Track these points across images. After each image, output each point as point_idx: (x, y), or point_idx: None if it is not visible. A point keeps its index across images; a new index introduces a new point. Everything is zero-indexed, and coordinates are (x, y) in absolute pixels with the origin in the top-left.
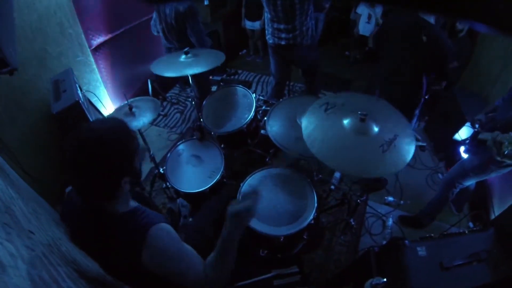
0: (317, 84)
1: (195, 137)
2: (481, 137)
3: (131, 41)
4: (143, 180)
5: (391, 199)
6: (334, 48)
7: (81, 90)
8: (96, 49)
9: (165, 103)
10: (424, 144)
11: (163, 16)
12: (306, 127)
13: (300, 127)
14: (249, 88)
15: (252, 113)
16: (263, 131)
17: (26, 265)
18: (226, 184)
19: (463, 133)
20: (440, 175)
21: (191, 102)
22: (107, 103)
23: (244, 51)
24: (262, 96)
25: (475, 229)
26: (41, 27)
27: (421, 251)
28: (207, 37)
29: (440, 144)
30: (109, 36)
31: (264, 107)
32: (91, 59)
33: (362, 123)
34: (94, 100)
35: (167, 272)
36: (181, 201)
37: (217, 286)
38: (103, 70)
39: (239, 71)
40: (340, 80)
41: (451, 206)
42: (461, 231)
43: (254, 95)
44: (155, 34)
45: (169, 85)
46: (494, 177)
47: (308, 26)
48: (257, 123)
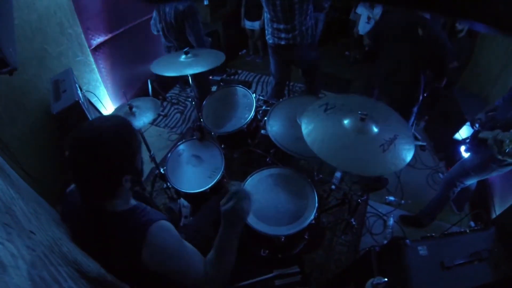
0: (317, 84)
1: (195, 137)
2: (481, 136)
3: (131, 41)
4: (143, 180)
5: (392, 198)
6: (334, 48)
7: (81, 90)
8: (96, 49)
9: (165, 103)
10: (424, 143)
11: (162, 15)
12: (305, 126)
13: (300, 127)
14: (249, 88)
15: (252, 113)
16: (263, 131)
17: (27, 265)
18: (226, 184)
19: (463, 132)
20: (440, 175)
21: (191, 102)
22: (107, 103)
23: (244, 51)
24: (262, 96)
25: (476, 228)
26: (41, 27)
27: (422, 251)
28: (206, 36)
29: (440, 143)
30: (109, 36)
31: (264, 107)
32: (91, 59)
33: (362, 122)
34: (94, 100)
35: (167, 270)
36: (182, 201)
37: (217, 285)
38: (103, 70)
39: (239, 71)
40: (340, 80)
41: (452, 205)
42: (462, 230)
43: (254, 95)
44: (155, 33)
45: (169, 85)
46: (495, 176)
47: (307, 25)
48: (257, 123)
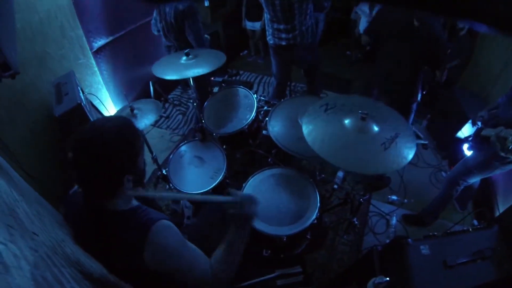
0: (317, 84)
1: (197, 138)
2: (484, 133)
3: (132, 43)
4: (146, 181)
5: (394, 197)
6: (334, 48)
7: (83, 92)
8: (97, 52)
9: (167, 105)
10: (426, 142)
11: (163, 14)
12: (306, 126)
13: (301, 127)
14: (251, 89)
15: (253, 113)
16: (264, 132)
17: (29, 266)
18: (228, 184)
19: (466, 130)
20: (443, 173)
21: (193, 103)
22: (109, 105)
23: (245, 52)
24: (263, 96)
25: (479, 226)
26: (42, 29)
27: (425, 250)
28: (206, 36)
29: (443, 142)
30: (110, 38)
31: (265, 108)
32: (93, 61)
33: (362, 121)
34: (96, 102)
35: (169, 269)
36: (184, 202)
37: (221, 285)
38: (105, 72)
39: (241, 72)
40: (340, 80)
41: (455, 204)
42: (465, 229)
43: (255, 96)
44: (155, 33)
45: (171, 87)
46: (498, 174)
47: (307, 25)
48: (258, 124)
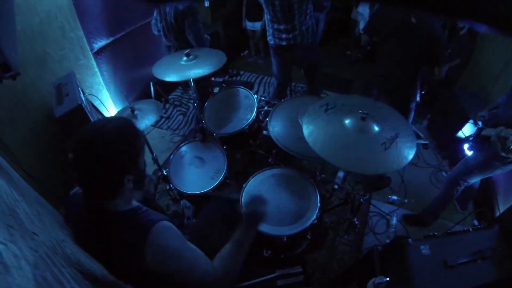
0: (317, 84)
1: (197, 139)
2: (485, 133)
3: (132, 44)
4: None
5: (394, 197)
6: (334, 48)
7: (83, 93)
8: (98, 52)
9: (167, 105)
10: (427, 142)
11: (163, 14)
12: (306, 127)
13: (302, 128)
14: (251, 89)
15: (254, 114)
16: (265, 132)
17: (29, 266)
18: (228, 184)
19: (466, 130)
20: (444, 173)
21: (193, 104)
22: (110, 106)
23: (245, 52)
24: (264, 97)
25: (479, 226)
26: (42, 30)
27: (425, 250)
28: (206, 36)
29: (443, 142)
30: (111, 39)
31: (266, 108)
32: (93, 62)
33: (363, 121)
34: (96, 103)
35: (169, 270)
36: (185, 202)
37: (224, 285)
38: (105, 73)
39: (241, 72)
40: (340, 80)
41: (455, 204)
42: (466, 229)
43: (255, 96)
44: (155, 33)
45: (172, 87)
46: (498, 174)
47: (308, 25)
48: (259, 124)
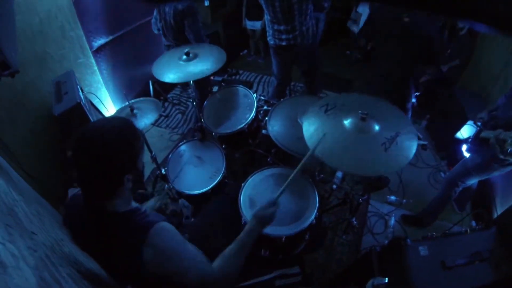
0: (317, 84)
1: (196, 138)
2: (483, 135)
3: (132, 43)
4: (145, 181)
5: (393, 198)
6: (334, 48)
7: (82, 91)
8: (97, 51)
9: (166, 104)
10: (425, 143)
11: (162, 14)
12: (307, 129)
13: (301, 127)
14: (250, 88)
15: (253, 113)
16: (264, 131)
17: (28, 266)
18: (227, 184)
19: (465, 131)
20: (442, 174)
21: (192, 102)
22: (109, 104)
23: (245, 51)
24: (263, 96)
25: (477, 228)
26: (42, 29)
27: (423, 251)
28: (205, 36)
29: (442, 142)
30: (110, 37)
31: (265, 107)
32: (93, 61)
33: (363, 122)
34: (95, 101)
35: (168, 272)
36: (183, 201)
37: (226, 284)
38: (105, 71)
39: (240, 72)
40: (340, 80)
41: (453, 204)
42: (464, 230)
43: (255, 95)
44: (155, 32)
45: (171, 86)
46: (496, 176)
47: (308, 26)
48: (258, 123)
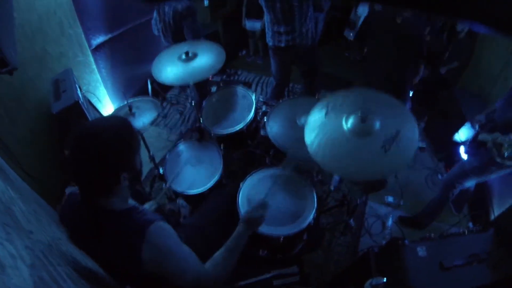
0: (316, 84)
1: (194, 138)
2: (481, 138)
3: (131, 42)
4: (142, 180)
5: (391, 199)
6: (333, 48)
7: (81, 90)
8: (96, 49)
9: (165, 104)
10: (423, 146)
11: (162, 15)
12: (309, 135)
13: (300, 128)
14: (249, 89)
15: (252, 114)
16: (263, 132)
17: (26, 265)
18: (225, 184)
19: (463, 133)
20: (439, 176)
21: (191, 102)
22: (107, 103)
23: (244, 52)
24: (262, 97)
25: (475, 229)
26: (41, 27)
27: (421, 251)
28: (204, 37)
29: (439, 144)
30: (109, 36)
31: (264, 108)
32: (91, 59)
33: (363, 123)
34: (94, 100)
35: (164, 271)
36: (181, 201)
37: (218, 284)
38: (103, 70)
39: (239, 72)
40: (340, 80)
41: (450, 206)
42: (461, 231)
43: (254, 96)
44: (155, 33)
45: (169, 86)
46: (493, 178)
47: (307, 27)
48: (257, 124)
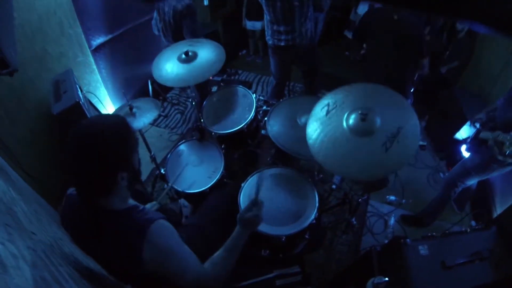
0: (316, 84)
1: (195, 138)
2: (482, 136)
3: (131, 42)
4: (144, 181)
5: (392, 198)
6: (334, 48)
7: (81, 91)
8: (96, 50)
9: (165, 104)
10: (424, 143)
11: (162, 14)
12: (310, 136)
13: (300, 127)
14: (249, 88)
15: (252, 113)
16: (263, 131)
17: (28, 265)
18: (226, 184)
19: (464, 132)
20: (441, 174)
21: (191, 102)
22: (108, 104)
23: (244, 52)
24: (262, 96)
25: (477, 227)
26: (41, 27)
27: (423, 250)
28: (203, 37)
29: (441, 143)
30: (109, 36)
31: (264, 107)
32: (91, 59)
33: (363, 122)
34: (94, 101)
35: (165, 271)
36: (183, 201)
37: (218, 284)
38: (103, 70)
39: (239, 71)
40: (340, 80)
41: (453, 204)
42: (463, 229)
43: (254, 95)
44: (156, 33)
45: (170, 86)
46: (495, 176)
47: (307, 28)
48: (257, 124)
